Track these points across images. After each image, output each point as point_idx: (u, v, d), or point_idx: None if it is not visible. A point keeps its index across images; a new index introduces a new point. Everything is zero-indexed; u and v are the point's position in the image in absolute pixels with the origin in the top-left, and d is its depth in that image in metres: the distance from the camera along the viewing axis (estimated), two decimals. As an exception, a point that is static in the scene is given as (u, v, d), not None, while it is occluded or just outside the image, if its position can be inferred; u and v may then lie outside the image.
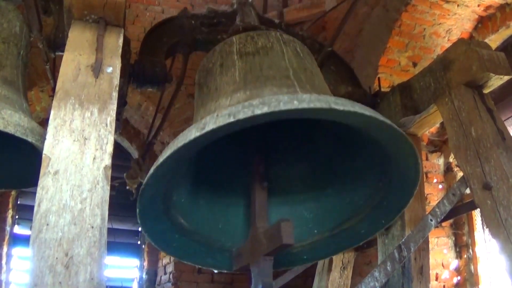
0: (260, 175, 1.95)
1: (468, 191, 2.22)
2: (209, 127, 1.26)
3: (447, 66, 2.41)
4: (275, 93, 1.58)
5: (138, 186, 2.93)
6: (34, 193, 1.53)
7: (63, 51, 1.83)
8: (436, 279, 3.80)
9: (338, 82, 2.84)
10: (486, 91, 2.33)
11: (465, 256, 3.88)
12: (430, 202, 3.84)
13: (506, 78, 2.28)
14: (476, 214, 3.82)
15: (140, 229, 5.27)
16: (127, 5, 1.96)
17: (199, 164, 1.94)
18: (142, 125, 5.89)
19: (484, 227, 3.59)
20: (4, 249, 5.28)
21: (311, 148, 2.11)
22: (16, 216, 5.64)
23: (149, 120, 5.40)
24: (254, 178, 1.94)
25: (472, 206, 2.23)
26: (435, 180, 4.10)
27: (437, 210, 2.19)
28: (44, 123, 1.83)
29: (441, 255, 3.90)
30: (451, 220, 3.84)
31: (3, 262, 5.23)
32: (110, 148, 1.62)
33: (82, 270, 1.39)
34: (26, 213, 5.58)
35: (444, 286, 3.84)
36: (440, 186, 4.10)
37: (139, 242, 6.07)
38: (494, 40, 3.72)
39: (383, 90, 2.89)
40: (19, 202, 5.69)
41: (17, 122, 1.78)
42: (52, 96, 1.71)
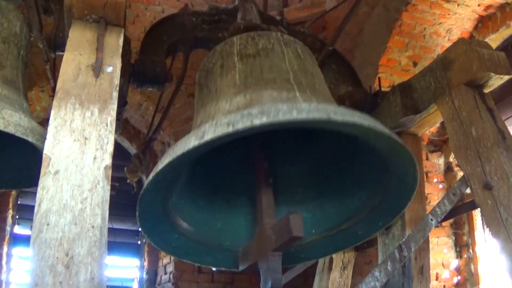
0: (265, 171, 1.94)
1: (468, 190, 2.22)
2: (208, 136, 1.27)
3: (447, 65, 2.41)
4: (274, 98, 1.58)
5: (139, 181, 2.93)
6: (34, 193, 1.53)
7: (63, 51, 1.83)
8: (437, 278, 3.80)
9: (339, 81, 2.83)
10: (487, 90, 2.33)
11: (465, 255, 3.88)
12: (430, 202, 3.84)
13: (507, 78, 2.28)
14: (477, 214, 3.82)
15: (140, 229, 5.27)
16: (128, 4, 1.96)
17: (198, 164, 1.94)
18: (142, 125, 5.90)
19: (485, 227, 3.59)
20: (4, 249, 5.28)
21: (312, 149, 2.11)
22: (16, 216, 5.65)
23: (149, 119, 5.39)
24: (259, 174, 1.93)
25: (473, 206, 2.23)
26: (435, 180, 4.10)
27: (437, 209, 2.19)
28: (44, 123, 1.83)
29: (441, 254, 3.89)
30: (451, 220, 3.84)
31: (3, 262, 5.24)
32: (110, 148, 1.62)
33: (83, 270, 1.39)
34: (26, 213, 5.59)
35: (444, 286, 3.83)
36: (440, 186, 4.10)
37: (139, 242, 6.08)
38: (495, 40, 3.72)
39: (383, 89, 2.89)
40: (19, 202, 5.70)
41: (17, 122, 1.78)
42: (53, 96, 1.71)
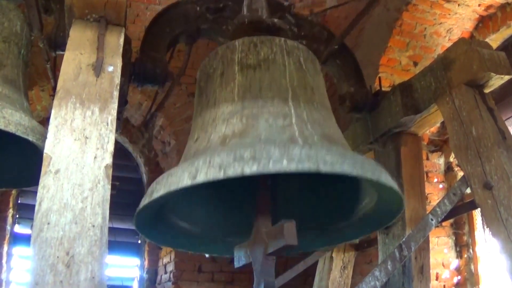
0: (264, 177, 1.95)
1: (468, 190, 2.22)
2: (200, 178, 1.37)
3: (447, 65, 2.41)
4: (270, 125, 1.64)
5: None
6: (34, 192, 1.53)
7: (64, 50, 1.83)
8: (437, 278, 3.81)
9: (342, 78, 2.82)
10: (487, 90, 2.33)
11: (465, 255, 3.88)
12: (430, 202, 3.84)
13: (507, 78, 2.28)
14: (477, 214, 3.82)
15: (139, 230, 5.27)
16: (128, 4, 1.96)
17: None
18: (142, 124, 5.89)
19: (485, 227, 3.58)
20: (5, 248, 5.28)
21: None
22: (17, 215, 5.65)
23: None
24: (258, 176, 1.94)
25: (473, 206, 2.23)
26: (435, 180, 4.10)
27: (437, 209, 2.19)
28: (44, 122, 1.83)
29: (441, 254, 3.90)
30: (451, 220, 3.84)
31: (3, 261, 5.24)
32: (111, 147, 1.62)
33: (83, 269, 1.39)
34: (26, 212, 5.59)
35: (444, 286, 3.84)
36: (440, 186, 4.10)
37: (139, 241, 6.07)
38: (495, 40, 3.72)
39: (383, 89, 2.89)
40: (19, 201, 5.70)
41: (18, 121, 1.78)
42: (53, 95, 1.71)
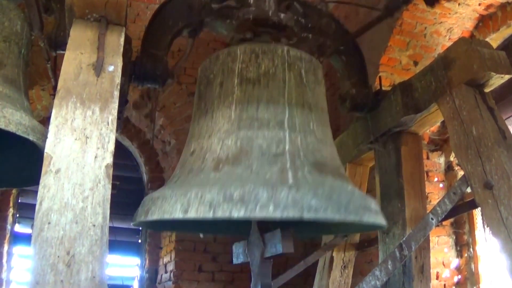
0: None
1: (469, 190, 2.22)
2: (191, 214, 1.44)
3: (448, 65, 2.40)
4: (263, 152, 1.67)
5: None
6: (34, 191, 1.53)
7: (64, 50, 1.83)
8: (437, 278, 3.81)
9: (345, 76, 2.80)
10: (487, 90, 2.33)
11: (465, 255, 3.88)
12: (431, 201, 3.84)
13: (507, 77, 2.27)
14: (477, 213, 3.81)
15: (141, 227, 5.28)
16: (128, 3, 1.96)
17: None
18: (142, 123, 5.90)
19: (485, 226, 3.58)
20: (5, 247, 5.29)
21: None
22: (17, 215, 5.66)
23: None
24: None
25: (473, 205, 2.23)
26: (436, 179, 4.10)
27: (438, 209, 2.18)
28: (45, 121, 1.83)
29: (442, 254, 3.90)
30: (452, 219, 3.84)
31: (3, 260, 5.24)
32: (111, 146, 1.62)
33: (84, 269, 1.39)
34: (26, 211, 5.60)
35: (444, 285, 3.84)
36: (441, 185, 4.10)
37: (140, 241, 6.08)
38: (495, 39, 3.71)
39: (384, 89, 2.89)
40: (19, 201, 5.70)
41: (18, 120, 1.78)
42: (54, 95, 1.71)
